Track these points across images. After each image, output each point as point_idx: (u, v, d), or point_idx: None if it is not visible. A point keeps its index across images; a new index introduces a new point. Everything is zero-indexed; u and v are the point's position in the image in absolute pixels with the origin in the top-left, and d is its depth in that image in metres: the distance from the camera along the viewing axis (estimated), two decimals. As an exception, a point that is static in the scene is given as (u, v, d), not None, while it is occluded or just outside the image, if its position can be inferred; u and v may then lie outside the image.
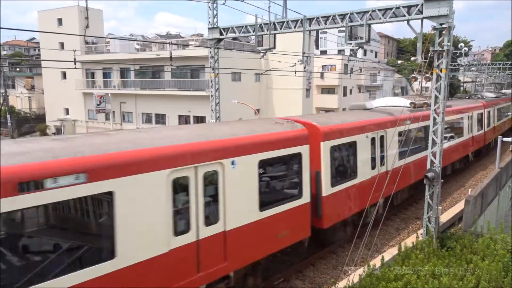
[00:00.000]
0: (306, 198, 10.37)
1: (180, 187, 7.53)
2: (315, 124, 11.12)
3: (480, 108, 24.58)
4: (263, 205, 9.15)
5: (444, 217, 14.04)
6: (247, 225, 8.74)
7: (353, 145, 12.37)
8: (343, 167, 12.31)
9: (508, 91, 42.68)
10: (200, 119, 33.90)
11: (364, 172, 12.78)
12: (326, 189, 11.11)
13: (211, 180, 8.07)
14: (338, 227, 12.29)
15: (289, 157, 10.03)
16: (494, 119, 27.74)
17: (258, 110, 34.83)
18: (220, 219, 8.21)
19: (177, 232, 7.43)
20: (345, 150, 12.26)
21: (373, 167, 13.31)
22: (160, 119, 37.59)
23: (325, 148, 11.05)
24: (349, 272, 10.53)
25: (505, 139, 18.43)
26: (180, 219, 7.56)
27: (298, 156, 10.14)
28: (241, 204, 8.65)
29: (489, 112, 26.25)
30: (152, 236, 7.03)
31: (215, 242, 8.09)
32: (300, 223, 10.33)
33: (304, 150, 10.26)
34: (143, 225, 6.90)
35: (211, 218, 8.07)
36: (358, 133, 12.56)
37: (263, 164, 9.18)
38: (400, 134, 14.27)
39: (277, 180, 10.17)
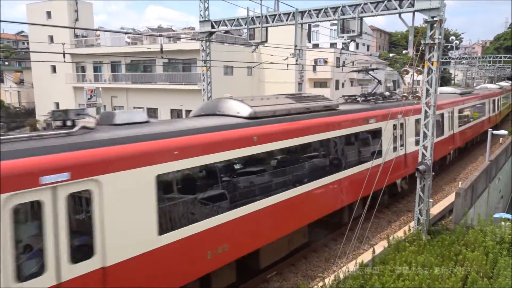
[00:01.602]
0: None
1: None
2: None
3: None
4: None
5: (435, 210, 14.18)
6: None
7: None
8: None
9: (506, 84, 46.17)
10: (192, 113, 33.69)
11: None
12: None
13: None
14: None
15: None
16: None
17: (250, 103, 34.72)
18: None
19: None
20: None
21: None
22: (152, 113, 37.34)
23: None
24: (341, 264, 10.62)
25: (495, 132, 18.63)
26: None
27: None
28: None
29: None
30: None
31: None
32: None
33: None
34: None
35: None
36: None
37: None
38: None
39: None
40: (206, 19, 15.79)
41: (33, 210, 5.86)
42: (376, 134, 13.66)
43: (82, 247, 6.32)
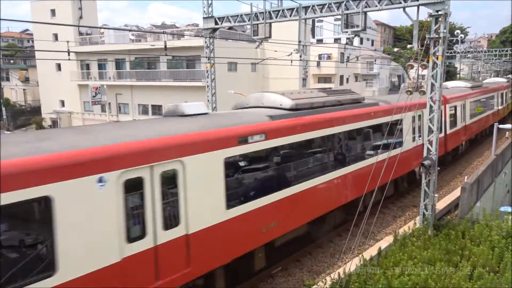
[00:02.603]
0: None
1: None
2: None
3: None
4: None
5: (441, 205, 14.14)
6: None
7: None
8: None
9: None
10: (196, 110, 33.72)
11: None
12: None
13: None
14: None
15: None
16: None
17: (254, 100, 34.70)
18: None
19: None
20: None
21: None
22: (157, 110, 37.44)
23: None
24: (346, 260, 10.64)
25: (501, 126, 18.50)
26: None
27: None
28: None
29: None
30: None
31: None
32: None
33: None
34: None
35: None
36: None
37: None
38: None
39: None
40: (210, 15, 15.77)
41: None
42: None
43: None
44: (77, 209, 6.16)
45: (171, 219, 7.53)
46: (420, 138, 16.38)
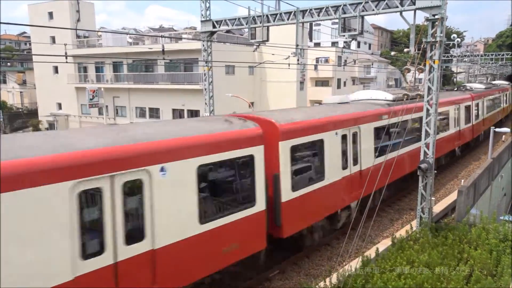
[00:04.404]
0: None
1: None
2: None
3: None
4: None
5: (438, 208, 14.16)
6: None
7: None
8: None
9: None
10: (194, 113, 33.77)
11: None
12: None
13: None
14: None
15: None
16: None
17: (252, 103, 34.76)
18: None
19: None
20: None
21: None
22: (154, 113, 37.40)
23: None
24: (344, 263, 10.62)
25: (497, 129, 18.59)
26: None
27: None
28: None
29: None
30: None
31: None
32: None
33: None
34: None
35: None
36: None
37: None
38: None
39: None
40: (207, 18, 15.80)
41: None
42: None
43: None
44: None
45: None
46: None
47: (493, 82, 44.02)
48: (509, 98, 39.08)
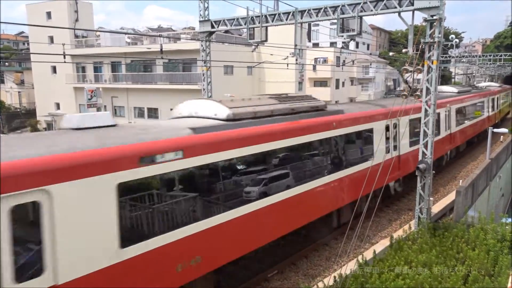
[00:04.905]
0: None
1: None
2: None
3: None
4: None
5: (436, 208, 14.18)
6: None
7: None
8: None
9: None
10: (192, 113, 33.69)
11: None
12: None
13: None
14: None
15: None
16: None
17: (250, 103, 34.65)
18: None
19: None
20: None
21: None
22: (153, 113, 37.37)
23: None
24: (342, 263, 10.63)
25: (495, 130, 18.62)
26: None
27: None
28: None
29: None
30: None
31: None
32: None
33: None
34: None
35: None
36: None
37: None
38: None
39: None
40: (206, 19, 15.80)
41: None
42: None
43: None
44: None
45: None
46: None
47: (479, 84, 40.16)
48: (497, 103, 34.21)
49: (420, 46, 11.05)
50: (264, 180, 9.68)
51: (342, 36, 12.85)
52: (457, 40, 41.24)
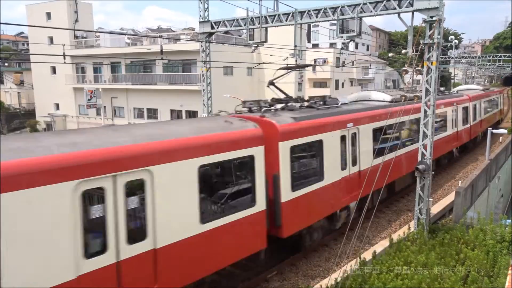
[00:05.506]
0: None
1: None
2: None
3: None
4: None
5: (435, 209, 14.19)
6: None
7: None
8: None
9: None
10: (192, 114, 33.77)
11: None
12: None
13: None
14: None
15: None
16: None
17: (250, 104, 34.69)
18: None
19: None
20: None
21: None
22: (152, 113, 37.40)
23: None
24: (342, 264, 10.63)
25: (494, 131, 18.65)
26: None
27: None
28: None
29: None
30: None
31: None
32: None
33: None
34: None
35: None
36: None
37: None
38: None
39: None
40: (206, 19, 15.81)
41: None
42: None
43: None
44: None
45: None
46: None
47: (458, 88, 33.76)
48: (474, 114, 25.55)
49: (420, 47, 11.07)
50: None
51: (342, 37, 12.87)
52: (456, 41, 41.36)
